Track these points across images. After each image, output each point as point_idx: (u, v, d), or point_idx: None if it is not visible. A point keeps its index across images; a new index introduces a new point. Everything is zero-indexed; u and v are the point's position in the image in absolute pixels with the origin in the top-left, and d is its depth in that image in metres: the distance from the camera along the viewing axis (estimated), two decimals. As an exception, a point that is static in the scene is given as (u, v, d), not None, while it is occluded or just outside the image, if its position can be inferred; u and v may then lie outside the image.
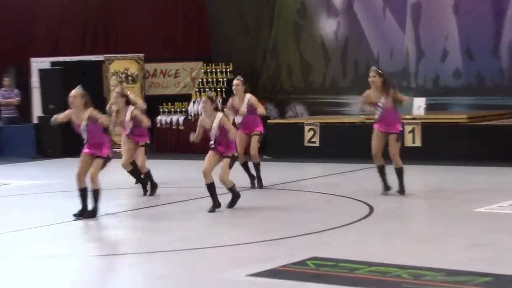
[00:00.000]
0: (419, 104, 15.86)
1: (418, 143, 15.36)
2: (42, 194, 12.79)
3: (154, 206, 11.16)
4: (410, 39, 17.13)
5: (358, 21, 17.67)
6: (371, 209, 10.16)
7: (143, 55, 19.35)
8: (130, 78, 18.17)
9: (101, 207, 10.37)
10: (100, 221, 10.35)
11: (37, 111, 19.45)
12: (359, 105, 12.26)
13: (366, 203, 10.57)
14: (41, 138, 18.52)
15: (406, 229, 9.38)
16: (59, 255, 8.43)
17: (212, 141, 10.39)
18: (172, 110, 18.76)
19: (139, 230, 10.04)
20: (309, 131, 16.26)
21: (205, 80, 18.39)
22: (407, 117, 15.80)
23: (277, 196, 11.74)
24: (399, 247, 8.12)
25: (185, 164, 15.69)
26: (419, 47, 17.05)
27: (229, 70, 18.07)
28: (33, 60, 20.22)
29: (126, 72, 17.00)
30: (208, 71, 18.46)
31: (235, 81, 12.15)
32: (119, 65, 18.26)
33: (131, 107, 11.85)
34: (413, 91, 16.81)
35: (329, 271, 7.09)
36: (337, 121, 16.43)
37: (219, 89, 17.79)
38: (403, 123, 13.91)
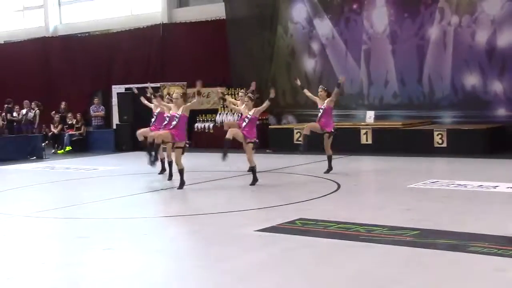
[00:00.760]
0: (370, 115, 15.90)
1: (369, 141, 15.38)
2: (118, 176, 12.76)
3: (193, 184, 11.05)
4: (363, 73, 17.06)
5: (329, 60, 17.59)
6: (339, 186, 10.11)
7: (186, 82, 19.36)
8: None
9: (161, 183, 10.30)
10: (159, 194, 10.31)
11: (116, 120, 19.48)
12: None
13: (335, 182, 10.51)
14: (118, 138, 18.57)
15: (362, 199, 9.34)
16: (131, 217, 8.41)
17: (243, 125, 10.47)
18: (205, 119, 18.76)
19: (183, 200, 9.96)
20: (297, 133, 16.23)
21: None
22: (362, 124, 15.81)
23: (275, 177, 11.70)
24: (357, 211, 8.08)
25: (214, 156, 15.62)
26: (370, 78, 16.99)
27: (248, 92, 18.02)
28: (113, 86, 20.26)
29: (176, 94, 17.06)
30: (229, 93, 18.40)
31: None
32: (170, 89, 18.18)
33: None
34: (366, 106, 16.79)
35: (311, 227, 7.06)
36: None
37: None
38: (359, 127, 13.86)
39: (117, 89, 19.64)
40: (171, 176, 11.32)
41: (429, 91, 16.08)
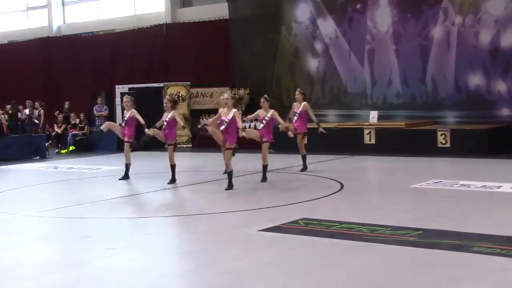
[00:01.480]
0: (373, 115, 15.89)
1: (373, 141, 15.35)
2: (119, 175, 12.72)
3: (196, 184, 11.06)
4: (367, 72, 17.04)
5: (332, 60, 17.57)
6: (342, 186, 10.11)
7: (189, 82, 19.37)
8: (180, 98, 18.12)
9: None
10: (162, 194, 10.32)
11: (119, 120, 19.44)
12: (290, 114, 12.52)
13: (338, 181, 10.51)
14: (120, 138, 18.45)
15: (365, 199, 9.30)
16: (134, 216, 8.41)
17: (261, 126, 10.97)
18: (208, 119, 18.62)
19: (186, 200, 9.99)
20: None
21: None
22: (366, 123, 15.79)
23: (277, 177, 11.67)
24: (361, 211, 8.06)
25: (217, 155, 15.61)
26: (373, 77, 16.96)
27: (246, 93, 17.98)
28: (117, 86, 20.28)
29: (178, 94, 16.91)
30: (232, 93, 18.40)
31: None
32: (173, 89, 18.13)
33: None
34: (369, 106, 16.77)
35: (314, 227, 7.05)
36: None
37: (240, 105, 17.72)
38: (362, 127, 13.87)
39: (121, 89, 19.66)
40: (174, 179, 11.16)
41: (432, 91, 16.06)
